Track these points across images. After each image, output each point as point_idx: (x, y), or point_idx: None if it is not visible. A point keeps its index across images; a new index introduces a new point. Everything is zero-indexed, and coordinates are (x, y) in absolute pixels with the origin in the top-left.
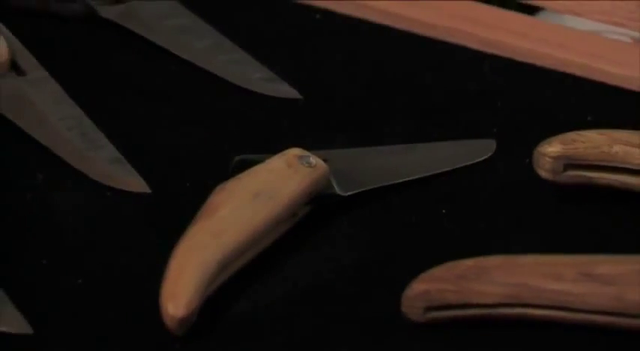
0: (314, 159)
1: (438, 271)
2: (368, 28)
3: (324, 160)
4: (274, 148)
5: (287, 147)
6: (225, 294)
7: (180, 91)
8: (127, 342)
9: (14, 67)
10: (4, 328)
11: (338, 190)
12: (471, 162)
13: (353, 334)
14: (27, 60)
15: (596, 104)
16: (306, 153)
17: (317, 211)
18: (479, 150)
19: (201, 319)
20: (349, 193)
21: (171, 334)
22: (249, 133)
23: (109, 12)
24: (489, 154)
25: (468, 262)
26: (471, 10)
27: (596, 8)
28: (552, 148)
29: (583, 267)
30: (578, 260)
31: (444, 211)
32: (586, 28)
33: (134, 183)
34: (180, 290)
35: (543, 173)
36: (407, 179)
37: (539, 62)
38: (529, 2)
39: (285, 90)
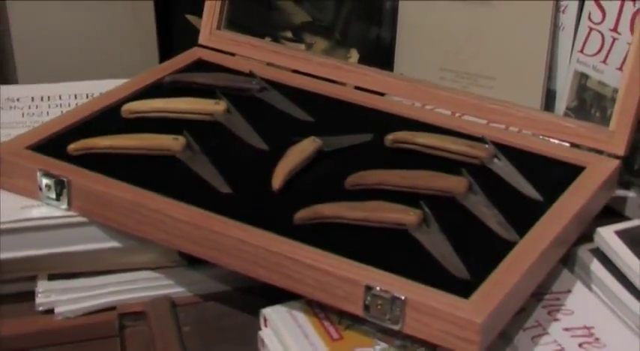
0: (318, 140)
1: (358, 173)
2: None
3: (321, 140)
4: (306, 136)
5: (309, 135)
6: (292, 179)
7: (277, 117)
8: (261, 196)
9: (228, 111)
10: (221, 189)
11: (325, 149)
12: (363, 141)
13: (335, 184)
14: (230, 107)
15: (415, 126)
16: (315, 138)
17: (319, 156)
18: (364, 137)
19: (285, 188)
20: (328, 150)
21: (275, 192)
22: (297, 131)
23: (258, 94)
24: (368, 139)
25: (365, 172)
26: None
27: None
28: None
29: (403, 174)
30: (401, 172)
31: (356, 156)
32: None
33: (262, 144)
34: (279, 176)
35: (388, 144)
36: (344, 146)
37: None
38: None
39: (309, 118)
